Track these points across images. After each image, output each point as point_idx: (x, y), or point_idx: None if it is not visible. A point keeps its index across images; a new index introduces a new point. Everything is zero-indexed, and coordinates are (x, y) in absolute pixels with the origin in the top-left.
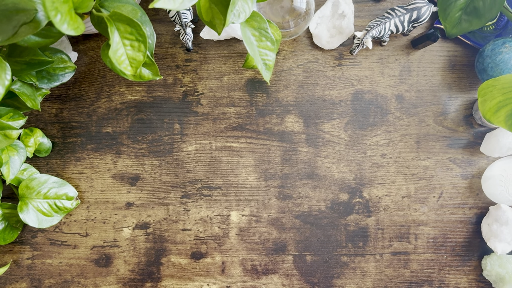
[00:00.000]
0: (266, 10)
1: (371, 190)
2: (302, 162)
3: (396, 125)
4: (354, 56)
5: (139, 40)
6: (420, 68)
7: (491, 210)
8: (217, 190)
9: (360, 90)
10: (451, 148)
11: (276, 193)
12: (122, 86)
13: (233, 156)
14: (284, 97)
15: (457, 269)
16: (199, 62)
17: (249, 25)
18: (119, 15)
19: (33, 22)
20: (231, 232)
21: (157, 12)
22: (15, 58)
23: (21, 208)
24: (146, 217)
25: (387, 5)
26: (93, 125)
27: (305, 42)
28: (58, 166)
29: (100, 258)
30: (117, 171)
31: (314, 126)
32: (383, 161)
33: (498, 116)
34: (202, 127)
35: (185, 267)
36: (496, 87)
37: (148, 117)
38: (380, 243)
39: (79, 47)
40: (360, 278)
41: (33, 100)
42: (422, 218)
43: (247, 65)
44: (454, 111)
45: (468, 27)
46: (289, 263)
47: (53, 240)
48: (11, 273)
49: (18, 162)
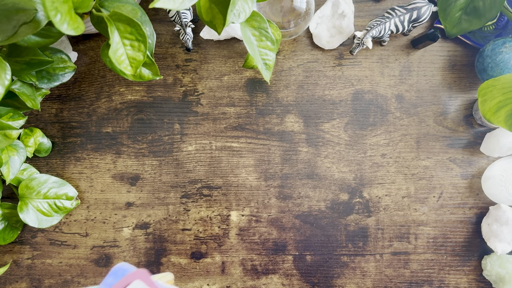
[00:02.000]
0: (266, 10)
1: (371, 190)
2: (302, 162)
3: (396, 125)
4: (354, 56)
5: (139, 40)
6: (420, 68)
7: (491, 210)
8: (217, 190)
9: (360, 90)
10: (451, 148)
11: (276, 193)
12: (122, 86)
13: (233, 156)
14: (284, 97)
15: (457, 269)
16: (199, 62)
17: (249, 25)
18: (119, 15)
19: (33, 22)
20: (231, 232)
21: (157, 12)
22: (15, 58)
23: (21, 208)
24: (146, 217)
25: (387, 5)
26: (93, 125)
27: (305, 42)
28: (58, 166)
29: (100, 258)
30: (117, 171)
31: (314, 126)
32: (383, 161)
33: (498, 116)
34: (202, 127)
35: (185, 267)
36: (496, 87)
37: (148, 117)
38: (380, 243)
39: (79, 47)
40: (360, 278)
41: (33, 100)
42: (422, 218)
43: (247, 65)
44: (454, 111)
45: (468, 27)
46: (289, 263)
47: (53, 240)
48: (11, 273)
49: (18, 162)
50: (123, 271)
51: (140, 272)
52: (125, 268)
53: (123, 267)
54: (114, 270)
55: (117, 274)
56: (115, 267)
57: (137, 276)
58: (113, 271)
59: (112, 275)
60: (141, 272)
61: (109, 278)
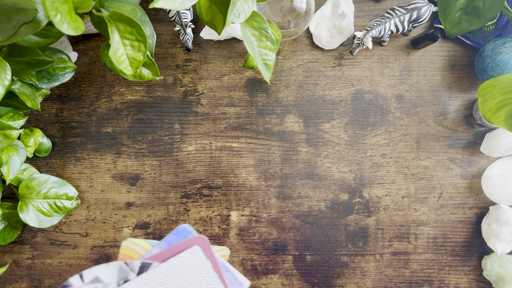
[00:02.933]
0: (266, 10)
1: (371, 190)
2: (302, 162)
3: (396, 125)
4: (354, 56)
5: (139, 40)
6: (420, 68)
7: (491, 210)
8: (217, 190)
9: (360, 90)
10: (451, 148)
11: (276, 193)
12: (122, 86)
13: (233, 156)
14: (284, 97)
15: (457, 269)
16: (199, 62)
17: (249, 25)
18: (119, 15)
19: (33, 22)
20: (231, 232)
21: (157, 12)
22: (15, 58)
23: (21, 208)
24: (146, 217)
25: (387, 5)
26: (93, 125)
27: (305, 42)
28: (58, 166)
29: (100, 258)
30: (117, 171)
31: (314, 126)
32: (383, 161)
33: (498, 116)
34: (202, 127)
35: None
36: (496, 87)
37: (148, 117)
38: (380, 243)
39: (79, 47)
40: (360, 278)
41: (33, 100)
42: (422, 218)
43: (247, 65)
44: (454, 111)
45: (468, 27)
46: (289, 263)
47: (53, 240)
48: (11, 273)
49: (18, 162)
50: (186, 233)
51: (202, 239)
52: (189, 231)
53: (187, 229)
54: (177, 230)
55: (179, 234)
56: (179, 227)
57: (198, 242)
58: (176, 230)
59: (175, 234)
60: (202, 238)
61: (171, 236)
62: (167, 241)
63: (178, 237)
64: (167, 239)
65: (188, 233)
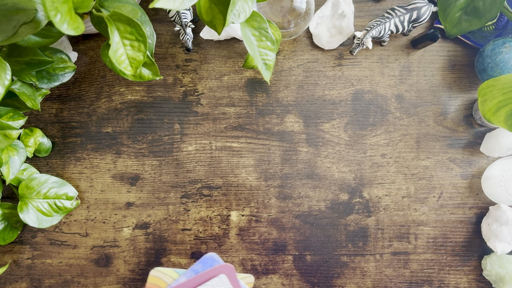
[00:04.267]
0: (266, 10)
1: (371, 190)
2: (302, 162)
3: (396, 125)
4: (354, 56)
5: (139, 40)
6: (420, 68)
7: (491, 210)
8: (217, 190)
9: (360, 90)
10: (451, 148)
11: (276, 193)
12: (122, 86)
13: (233, 156)
14: (284, 97)
15: (457, 269)
16: (199, 62)
17: (249, 25)
18: (119, 15)
19: (33, 22)
20: (231, 232)
21: (157, 12)
22: (15, 58)
23: (21, 208)
24: (146, 217)
25: (387, 5)
26: (93, 125)
27: (305, 42)
28: (58, 166)
29: (100, 258)
30: (117, 171)
31: (314, 126)
32: (383, 161)
33: (498, 116)
34: (202, 127)
35: (185, 267)
36: (496, 87)
37: (148, 117)
38: (380, 243)
39: (79, 47)
40: (360, 278)
41: (33, 100)
42: (422, 218)
43: (247, 65)
44: (454, 111)
45: (468, 27)
46: (289, 263)
47: (53, 240)
48: (11, 273)
49: (18, 162)
50: (212, 261)
51: (227, 267)
52: (215, 259)
53: (213, 257)
54: (204, 259)
55: (206, 262)
56: (205, 256)
57: (224, 270)
58: (203, 259)
59: (201, 262)
60: (228, 267)
61: (198, 264)
62: (194, 269)
63: (204, 266)
64: (194, 268)
65: (215, 262)
